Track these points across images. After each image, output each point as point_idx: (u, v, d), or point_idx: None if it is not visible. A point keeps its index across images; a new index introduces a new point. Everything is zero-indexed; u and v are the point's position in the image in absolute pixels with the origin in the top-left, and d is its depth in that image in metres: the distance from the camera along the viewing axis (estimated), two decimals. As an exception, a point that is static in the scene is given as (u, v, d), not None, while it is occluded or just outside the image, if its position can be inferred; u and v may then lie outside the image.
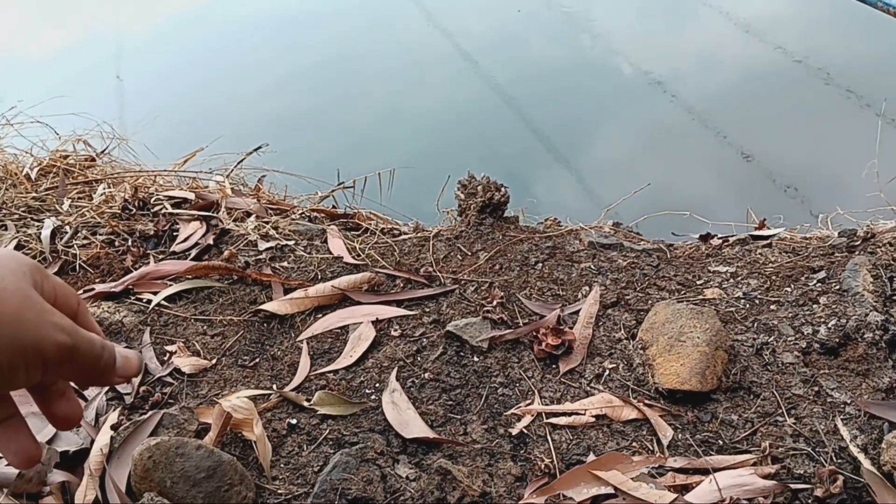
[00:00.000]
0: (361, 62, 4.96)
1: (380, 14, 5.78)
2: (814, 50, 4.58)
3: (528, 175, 3.53)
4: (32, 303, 0.60)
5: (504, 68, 4.61)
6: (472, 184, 2.07)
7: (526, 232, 2.03)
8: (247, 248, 2.07)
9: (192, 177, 2.42)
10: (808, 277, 1.77)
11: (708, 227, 2.13)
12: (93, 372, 0.65)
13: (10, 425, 0.65)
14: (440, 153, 3.73)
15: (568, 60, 4.77)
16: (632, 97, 4.31)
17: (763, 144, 3.75)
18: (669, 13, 5.31)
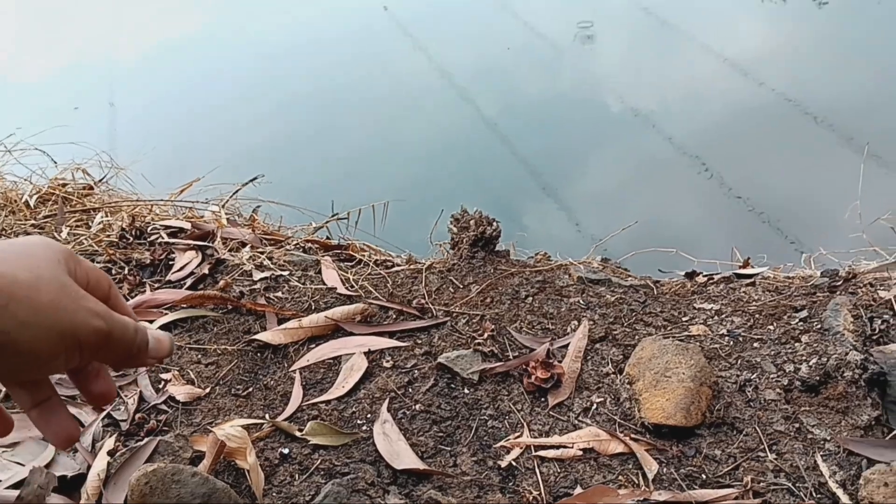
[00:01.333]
0: (356, 93, 5.04)
1: (374, 46, 5.87)
2: (801, 87, 4.68)
3: (519, 208, 3.59)
4: (68, 290, 0.62)
5: (495, 101, 4.70)
6: (464, 218, 2.11)
7: (517, 266, 2.08)
8: (241, 277, 2.10)
9: (189, 206, 2.46)
10: (791, 316, 1.82)
11: (694, 265, 2.18)
12: (127, 354, 0.68)
13: (49, 407, 0.68)
14: (433, 185, 3.79)
15: (558, 94, 4.86)
16: (620, 131, 4.39)
17: (750, 181, 3.83)
18: (657, 49, 5.43)
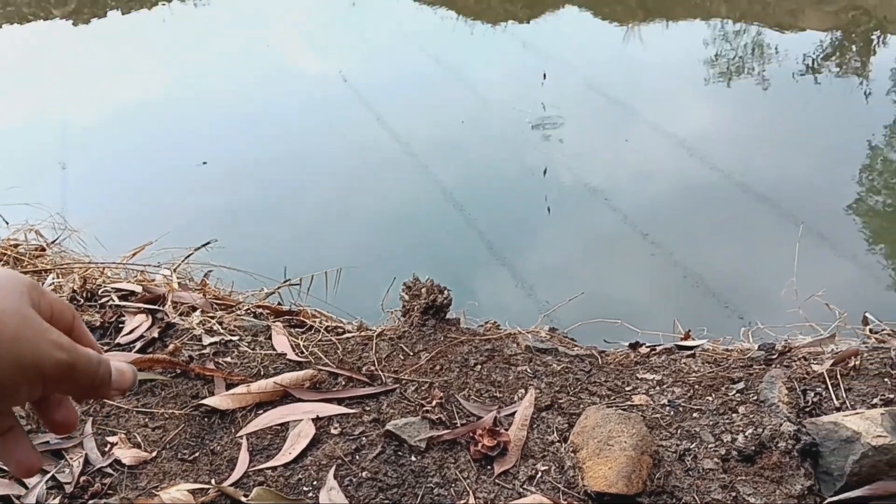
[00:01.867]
0: (313, 161, 5.11)
1: (331, 115, 5.98)
2: (745, 166, 4.89)
3: (472, 277, 3.65)
4: (31, 322, 0.62)
5: (451, 172, 4.80)
6: (416, 286, 2.15)
7: (467, 334, 2.12)
8: (191, 342, 2.10)
9: (141, 270, 2.46)
10: (729, 387, 1.88)
11: (638, 336, 2.24)
12: (90, 386, 0.68)
13: (12, 436, 0.68)
14: (387, 253, 3.84)
15: (512, 167, 4.98)
16: (572, 206, 4.51)
17: (695, 256, 3.95)
18: (609, 127, 5.63)
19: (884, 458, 1.59)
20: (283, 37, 8.06)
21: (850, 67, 6.83)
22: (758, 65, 7.09)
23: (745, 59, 7.21)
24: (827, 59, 6.96)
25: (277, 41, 7.87)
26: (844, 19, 7.63)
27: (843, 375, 1.86)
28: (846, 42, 7.32)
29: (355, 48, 7.78)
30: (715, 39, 7.68)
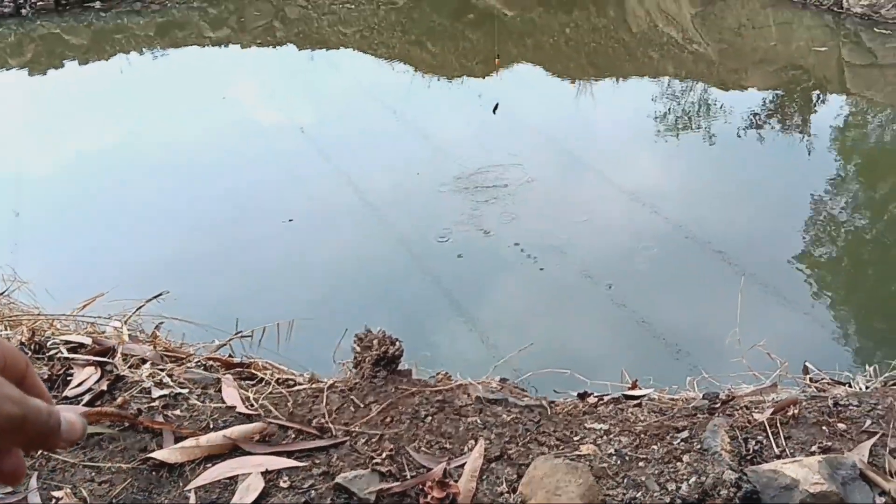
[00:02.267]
0: (268, 211, 5.12)
1: (288, 165, 6.01)
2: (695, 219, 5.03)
3: (425, 327, 3.67)
4: None
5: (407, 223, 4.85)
6: (367, 337, 2.17)
7: (418, 385, 2.13)
8: (140, 395, 2.08)
9: (91, 322, 2.44)
10: (673, 436, 1.92)
11: (587, 385, 2.28)
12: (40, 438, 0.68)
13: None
14: (341, 303, 3.85)
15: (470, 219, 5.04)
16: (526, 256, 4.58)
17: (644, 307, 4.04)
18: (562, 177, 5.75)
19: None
20: (241, 90, 8.14)
21: (791, 124, 7.11)
22: (704, 121, 7.34)
23: (692, 115, 7.47)
24: (770, 116, 7.24)
25: (236, 94, 7.94)
26: (785, 78, 7.96)
27: (783, 424, 1.91)
28: (787, 100, 7.62)
29: (314, 101, 7.87)
30: (663, 96, 7.93)
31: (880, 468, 1.76)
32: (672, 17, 9.89)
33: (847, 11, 8.93)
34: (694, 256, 4.70)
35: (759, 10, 9.49)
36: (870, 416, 1.91)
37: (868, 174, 6.04)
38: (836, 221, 5.17)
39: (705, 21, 9.60)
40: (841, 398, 1.99)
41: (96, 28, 9.72)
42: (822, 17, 9.05)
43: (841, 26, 8.83)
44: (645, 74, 8.62)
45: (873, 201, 5.55)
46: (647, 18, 9.99)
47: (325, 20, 9.93)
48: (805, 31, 8.89)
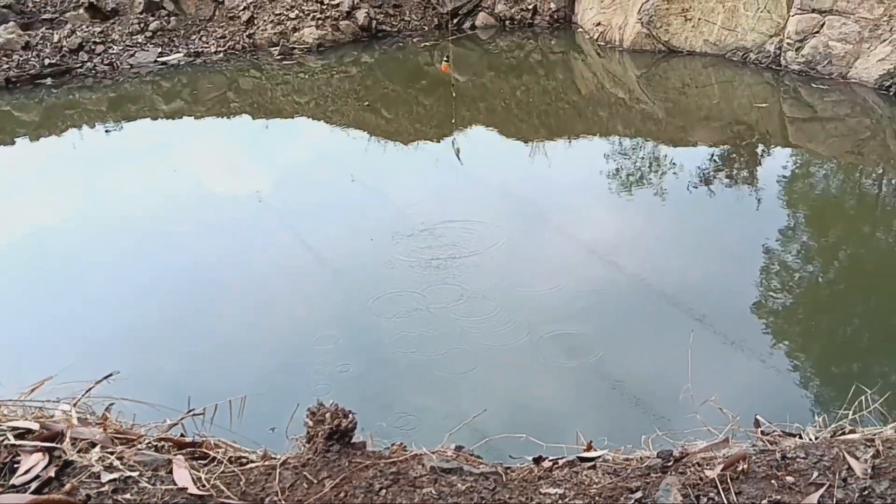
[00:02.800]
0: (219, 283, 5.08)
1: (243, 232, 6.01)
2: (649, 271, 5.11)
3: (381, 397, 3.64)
4: None
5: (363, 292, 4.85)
6: (320, 411, 2.16)
7: (372, 458, 2.12)
8: (90, 479, 2.03)
9: (38, 406, 2.39)
10: (627, 497, 1.93)
11: (542, 449, 2.29)
12: None
13: None
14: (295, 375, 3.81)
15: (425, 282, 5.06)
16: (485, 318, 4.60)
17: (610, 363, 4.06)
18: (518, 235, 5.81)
19: (772, 560, 1.66)
20: (197, 160, 8.15)
21: (739, 177, 7.32)
22: (655, 176, 7.52)
23: (643, 171, 7.65)
24: (718, 170, 7.45)
25: (192, 164, 7.94)
26: (730, 133, 8.23)
27: (734, 479, 1.93)
28: (734, 154, 7.86)
29: (270, 169, 7.90)
30: (614, 153, 8.13)
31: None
32: (619, 78, 10.21)
33: (785, 69, 9.31)
34: (651, 308, 4.77)
35: (700, 70, 9.85)
36: (816, 468, 1.94)
37: (816, 223, 6.22)
38: (789, 269, 5.30)
39: (650, 81, 9.92)
40: (789, 451, 2.02)
41: (48, 104, 9.70)
42: (762, 75, 9.42)
43: (780, 83, 9.19)
44: (595, 133, 8.84)
45: (823, 249, 5.70)
46: (595, 80, 10.30)
47: (279, 90, 10.05)
48: (746, 89, 9.22)
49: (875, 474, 1.85)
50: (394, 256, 5.36)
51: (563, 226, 6.03)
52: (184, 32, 10.95)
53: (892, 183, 7.05)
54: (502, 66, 10.79)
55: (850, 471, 1.89)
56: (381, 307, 4.63)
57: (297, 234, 5.83)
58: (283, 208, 6.44)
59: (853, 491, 1.83)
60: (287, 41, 10.94)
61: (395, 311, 4.61)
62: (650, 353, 4.25)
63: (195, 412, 2.44)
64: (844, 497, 1.83)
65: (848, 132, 7.97)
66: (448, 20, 11.74)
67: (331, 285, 5.01)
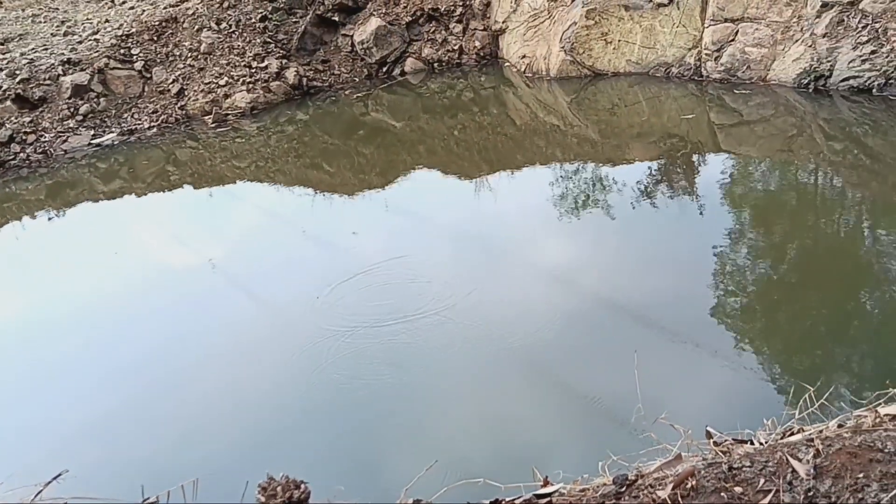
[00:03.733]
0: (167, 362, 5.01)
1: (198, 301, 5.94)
2: (607, 288, 5.17)
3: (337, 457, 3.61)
4: None
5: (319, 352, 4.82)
6: (271, 485, 2.14)
7: (329, 525, 2.10)
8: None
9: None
10: (584, 530, 1.94)
11: (500, 491, 2.29)
12: None
13: None
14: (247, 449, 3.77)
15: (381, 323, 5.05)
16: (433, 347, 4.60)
17: (574, 384, 4.09)
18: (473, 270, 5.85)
19: (726, 574, 1.68)
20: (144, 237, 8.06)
21: (679, 187, 7.47)
22: (600, 196, 7.64)
23: (588, 193, 7.77)
24: (657, 183, 7.60)
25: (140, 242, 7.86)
26: (664, 147, 8.41)
27: (685, 497, 1.96)
28: (670, 166, 8.04)
29: (219, 235, 7.84)
30: (558, 180, 8.25)
31: (779, 525, 1.82)
32: (550, 106, 10.40)
33: (707, 78, 9.59)
34: (611, 325, 4.83)
35: (627, 89, 10.09)
36: (763, 475, 1.98)
37: (760, 222, 6.37)
38: (740, 270, 5.40)
39: (581, 106, 10.13)
40: (735, 461, 2.05)
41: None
42: (686, 87, 9.68)
43: (705, 92, 9.46)
44: (536, 162, 8.96)
45: (770, 246, 5.83)
46: (528, 110, 10.48)
47: (218, 157, 10.03)
48: (673, 102, 9.47)
49: (818, 474, 1.90)
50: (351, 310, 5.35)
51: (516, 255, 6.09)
52: (115, 112, 10.89)
53: (826, 174, 7.27)
54: (436, 107, 10.93)
55: (794, 473, 1.93)
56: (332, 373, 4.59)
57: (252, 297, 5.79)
58: (239, 273, 6.39)
59: (798, 493, 1.87)
60: (220, 108, 10.94)
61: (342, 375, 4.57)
62: (609, 372, 4.28)
63: (150, 501, 2.40)
64: (792, 500, 1.87)
65: (776, 132, 8.21)
66: (377, 69, 11.88)
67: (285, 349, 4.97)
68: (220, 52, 11.36)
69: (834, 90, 8.50)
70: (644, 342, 4.52)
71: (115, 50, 11.28)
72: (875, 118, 7.96)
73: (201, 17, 11.66)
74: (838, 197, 6.87)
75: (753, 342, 4.55)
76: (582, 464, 2.58)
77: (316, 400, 4.29)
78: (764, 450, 2.11)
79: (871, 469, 1.82)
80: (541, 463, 2.54)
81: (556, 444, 3.60)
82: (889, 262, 5.35)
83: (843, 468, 1.86)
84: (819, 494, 1.84)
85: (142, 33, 11.54)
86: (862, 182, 6.95)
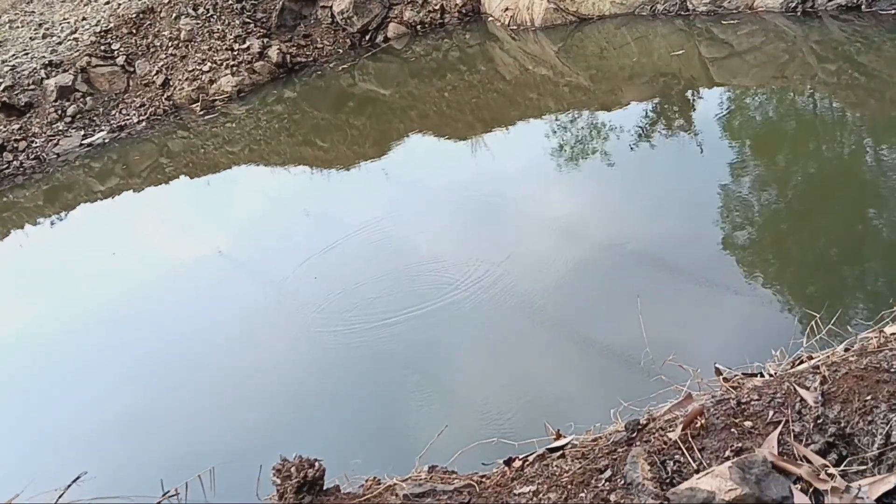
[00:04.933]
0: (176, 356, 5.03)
1: (209, 289, 5.96)
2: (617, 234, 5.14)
3: (353, 434, 3.64)
4: None
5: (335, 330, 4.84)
6: (285, 467, 2.15)
7: (346, 500, 2.11)
8: (69, 590, 2.01)
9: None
10: (597, 479, 1.94)
11: (514, 448, 2.29)
12: None
13: None
14: (261, 433, 3.80)
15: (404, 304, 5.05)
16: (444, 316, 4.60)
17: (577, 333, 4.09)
18: (485, 227, 5.82)
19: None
20: (148, 232, 8.04)
21: (676, 126, 7.39)
22: (598, 144, 7.58)
23: (585, 141, 7.70)
24: (654, 124, 7.52)
25: (145, 238, 7.85)
26: (657, 87, 8.30)
27: (695, 437, 1.95)
28: (666, 105, 7.94)
29: (224, 222, 7.81)
30: (554, 131, 8.18)
31: (790, 455, 1.81)
32: (538, 57, 10.26)
33: (693, 12, 9.42)
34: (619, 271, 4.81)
35: (614, 32, 9.93)
36: (771, 407, 1.97)
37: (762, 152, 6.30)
38: (744, 204, 5.35)
39: (569, 53, 9.99)
40: (743, 396, 2.04)
41: (-18, 210, 9.58)
42: (673, 24, 9.51)
43: (693, 27, 9.30)
44: (530, 116, 8.87)
45: (774, 176, 5.77)
46: (517, 64, 10.34)
47: (210, 144, 9.97)
48: (662, 40, 9.31)
49: (826, 401, 1.88)
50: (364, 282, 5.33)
51: (517, 208, 6.07)
52: (103, 110, 10.82)
53: (823, 97, 7.16)
54: (424, 70, 10.80)
55: (802, 402, 1.92)
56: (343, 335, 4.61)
57: (263, 282, 5.80)
58: (248, 260, 6.39)
59: (808, 422, 1.86)
60: (206, 95, 10.85)
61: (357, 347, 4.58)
62: (617, 319, 4.26)
63: (169, 495, 2.42)
64: (802, 430, 1.86)
65: (768, 59, 8.09)
66: (360, 38, 11.71)
67: (294, 332, 4.99)
68: (201, 37, 11.23)
69: (822, 11, 8.34)
70: (650, 285, 4.51)
71: (96, 47, 11.17)
72: (866, 35, 7.82)
73: (178, 4, 11.50)
74: (837, 119, 6.78)
75: (760, 275, 4.52)
76: (595, 414, 2.57)
77: (327, 380, 4.31)
78: (772, 381, 2.10)
79: (878, 390, 1.81)
80: (553, 417, 2.54)
81: (568, 396, 3.60)
82: (892, 180, 5.29)
83: (850, 392, 1.85)
84: (828, 421, 1.82)
85: (120, 27, 11.41)
86: (860, 101, 6.84)
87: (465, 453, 2.36)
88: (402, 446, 3.41)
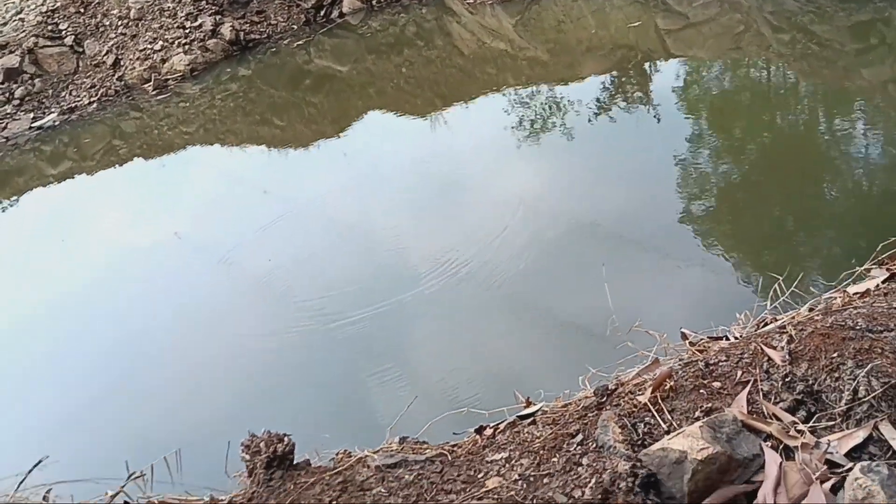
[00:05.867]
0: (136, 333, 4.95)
1: (165, 274, 5.86)
2: (576, 206, 5.15)
3: (320, 409, 3.61)
4: None
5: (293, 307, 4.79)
6: (254, 442, 2.12)
7: (317, 474, 2.09)
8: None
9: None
10: (569, 443, 1.95)
11: (485, 417, 2.29)
12: None
13: None
14: (231, 408, 3.76)
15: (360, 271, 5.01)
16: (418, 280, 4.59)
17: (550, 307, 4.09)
18: (443, 206, 5.81)
19: (713, 468, 1.69)
20: (105, 216, 7.86)
21: (634, 98, 7.42)
22: (557, 118, 7.57)
23: (544, 116, 7.70)
24: (613, 96, 7.54)
25: (98, 223, 7.67)
26: (615, 59, 8.31)
27: (664, 399, 1.97)
28: (624, 77, 7.96)
29: (181, 204, 7.66)
30: (513, 106, 8.15)
31: (760, 414, 1.83)
32: (496, 31, 10.21)
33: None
34: (582, 244, 4.82)
35: (571, 5, 9.92)
36: (739, 367, 1.98)
37: (719, 123, 6.36)
38: (703, 174, 5.40)
39: (527, 27, 9.95)
40: (711, 358, 2.06)
41: (-66, 198, 9.29)
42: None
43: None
44: (488, 90, 8.82)
45: (731, 147, 5.82)
46: (474, 38, 10.28)
47: (164, 125, 9.77)
48: (618, 12, 9.32)
49: (793, 359, 1.91)
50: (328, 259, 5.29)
51: (478, 185, 6.05)
52: (52, 92, 10.53)
53: (778, 67, 7.24)
54: (381, 46, 10.68)
55: (770, 361, 1.94)
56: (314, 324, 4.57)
57: (222, 263, 5.71)
58: (207, 243, 6.28)
59: (777, 380, 1.88)
60: (159, 74, 10.61)
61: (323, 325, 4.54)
62: (582, 290, 4.29)
63: (135, 476, 2.37)
64: (770, 388, 1.88)
65: (723, 31, 8.14)
66: (314, 14, 11.52)
67: (257, 311, 4.93)
68: (151, 15, 10.96)
69: (776, -20, 8.41)
70: (614, 256, 4.54)
71: (43, 27, 10.85)
72: (819, 4, 7.91)
73: (126, -19, 11.22)
74: (791, 89, 6.87)
75: (721, 243, 4.58)
76: (563, 382, 2.58)
77: (292, 361, 4.26)
78: (739, 343, 2.12)
79: (844, 347, 1.83)
80: (524, 386, 2.54)
81: (537, 366, 3.62)
82: (846, 147, 5.38)
83: (817, 350, 1.87)
84: (796, 379, 1.85)
85: (67, 6, 11.09)
86: (813, 71, 6.93)
87: (435, 424, 2.35)
88: (371, 421, 3.40)
